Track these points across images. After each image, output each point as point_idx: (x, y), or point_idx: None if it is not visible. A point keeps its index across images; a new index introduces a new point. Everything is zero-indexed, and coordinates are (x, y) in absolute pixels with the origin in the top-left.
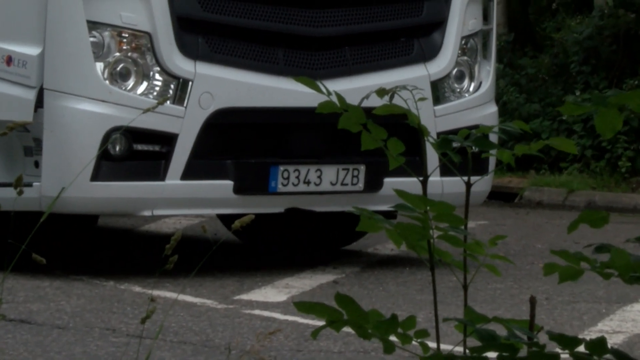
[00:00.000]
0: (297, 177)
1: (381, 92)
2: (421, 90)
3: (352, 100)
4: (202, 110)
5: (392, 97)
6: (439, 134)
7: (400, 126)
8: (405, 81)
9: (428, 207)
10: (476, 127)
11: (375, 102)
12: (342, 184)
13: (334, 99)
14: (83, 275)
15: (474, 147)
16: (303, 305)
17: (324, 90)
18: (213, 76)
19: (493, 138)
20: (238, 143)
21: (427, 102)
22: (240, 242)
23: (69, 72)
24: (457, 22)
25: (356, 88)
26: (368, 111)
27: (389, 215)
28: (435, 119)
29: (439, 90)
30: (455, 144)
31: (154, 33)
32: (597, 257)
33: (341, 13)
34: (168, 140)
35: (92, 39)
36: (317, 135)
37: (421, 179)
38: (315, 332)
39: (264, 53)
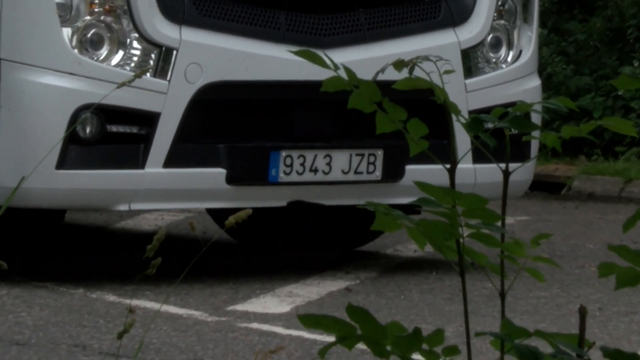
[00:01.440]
0: (302, 165)
1: (399, 64)
2: (448, 62)
3: (368, 73)
4: (189, 84)
5: (412, 70)
6: (470, 113)
7: (424, 104)
8: (431, 50)
9: (456, 201)
10: (515, 104)
11: (393, 75)
12: (355, 173)
13: (343, 73)
14: (47, 282)
15: (512, 129)
16: (309, 319)
17: (330, 64)
18: (202, 44)
19: (535, 118)
20: (232, 124)
21: (457, 74)
22: (235, 242)
23: (30, 40)
24: None
25: (372, 58)
26: (387, 86)
27: (412, 210)
28: (467, 95)
29: (471, 61)
30: (489, 125)
31: None
32: None
33: None
34: (148, 120)
35: (57, 0)
36: (327, 114)
37: (449, 166)
38: (324, 350)
39: (262, 17)
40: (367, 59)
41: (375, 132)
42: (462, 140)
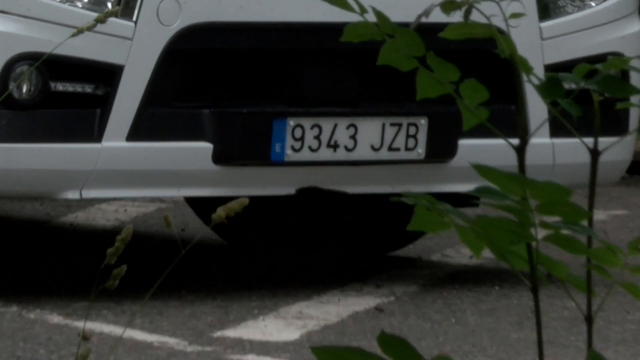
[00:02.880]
0: (317, 138)
1: (449, 4)
2: (517, 1)
3: (403, 14)
4: (163, 27)
5: (468, 12)
6: (547, 68)
7: (483, 57)
8: None
9: (528, 191)
10: (607, 57)
11: (439, 18)
12: (390, 149)
13: (371, 17)
14: None
15: (603, 92)
16: (326, 351)
17: (354, 4)
18: None
19: (636, 78)
20: (221, 82)
21: (530, 16)
22: (225, 243)
23: None
24: None
25: None
26: (431, 33)
27: (466, 202)
28: (542, 44)
29: None
30: (572, 86)
31: None
32: None
33: None
34: (107, 76)
35: None
36: (350, 68)
37: (517, 143)
38: None
39: None
40: None
41: (415, 95)
42: (536, 107)
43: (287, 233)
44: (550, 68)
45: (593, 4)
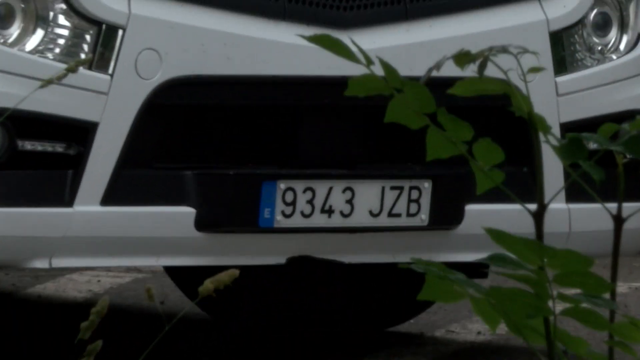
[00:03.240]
0: (311, 202)
1: (464, 57)
2: (536, 53)
3: (410, 68)
4: (142, 80)
5: (483, 66)
6: (563, 128)
7: (490, 113)
8: (504, 33)
9: (546, 260)
10: (632, 114)
11: (449, 71)
12: (390, 215)
13: (378, 70)
14: None
15: (627, 154)
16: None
17: (359, 54)
18: (161, 20)
19: None
20: (205, 141)
21: (544, 69)
22: (210, 319)
23: None
24: None
25: (416, 44)
26: (437, 87)
27: (474, 271)
28: (558, 100)
29: (565, 49)
30: (593, 146)
31: None
32: None
33: None
34: (80, 133)
35: None
36: (348, 127)
37: (534, 209)
38: None
39: None
40: (409, 45)
41: (419, 153)
42: (551, 170)
43: (276, 306)
44: (566, 127)
45: (614, 57)
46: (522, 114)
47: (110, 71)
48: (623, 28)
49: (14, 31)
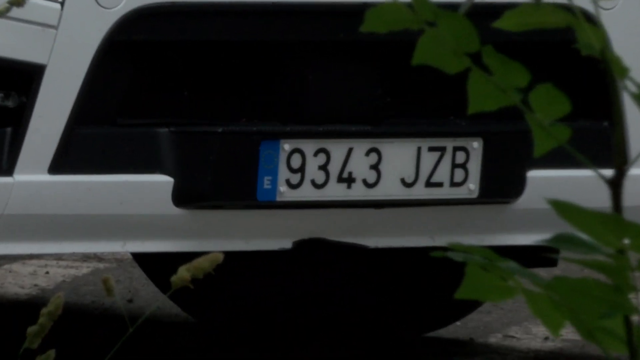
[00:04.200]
0: (324, 168)
1: None
2: None
3: None
4: (101, 10)
5: None
6: None
7: (554, 53)
8: None
9: (628, 241)
10: None
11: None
12: (428, 184)
13: None
14: None
15: None
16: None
17: None
18: None
19: None
20: (185, 89)
21: None
22: (190, 319)
23: None
24: None
25: None
26: (487, 16)
27: (536, 259)
28: None
29: None
30: None
31: None
32: None
33: None
34: (21, 80)
35: None
36: (370, 70)
37: (612, 175)
38: None
39: None
40: None
41: (464, 104)
42: (638, 125)
43: (279, 304)
44: None
45: None
46: (593, 52)
47: None
48: None
49: None
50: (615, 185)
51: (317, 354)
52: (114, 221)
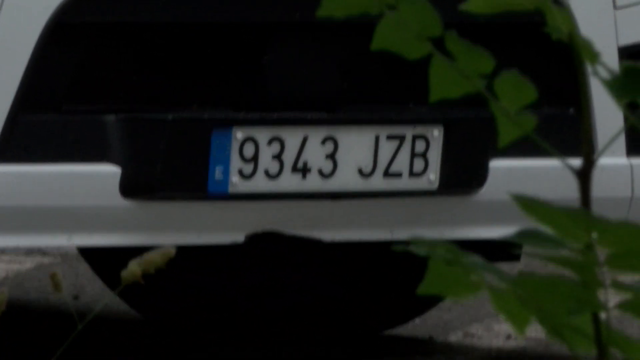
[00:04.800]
0: (278, 158)
1: None
2: None
3: None
4: None
5: None
6: (623, 53)
7: (523, 36)
8: None
9: (596, 236)
10: None
11: None
12: (387, 174)
13: None
14: None
15: None
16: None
17: None
18: None
19: None
20: (134, 74)
21: None
22: (139, 316)
23: None
24: None
25: None
26: (448, 4)
27: (500, 254)
28: (617, 15)
29: None
30: None
31: None
32: None
33: None
34: None
35: None
36: (327, 54)
37: (580, 165)
38: None
39: None
40: None
41: (425, 90)
42: (607, 113)
43: (230, 300)
44: (628, 52)
45: None
46: (561, 36)
47: None
48: None
49: None
50: (584, 175)
51: (271, 351)
52: (59, 213)
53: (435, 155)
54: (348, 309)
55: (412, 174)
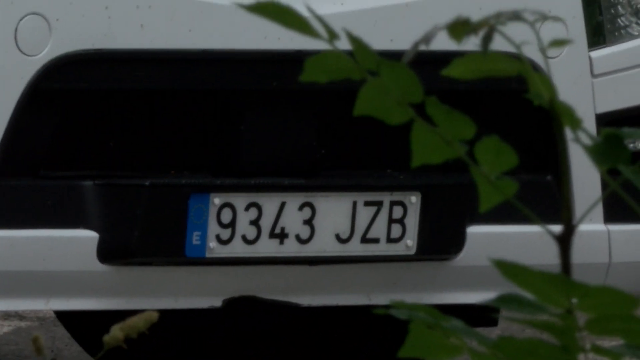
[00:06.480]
0: (256, 223)
1: (461, 27)
2: (560, 19)
3: (390, 40)
4: (24, 57)
5: (488, 40)
6: (601, 120)
7: (499, 102)
8: None
9: (575, 300)
10: None
11: (443, 46)
12: (364, 240)
13: (345, 44)
14: None
15: None
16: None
17: (317, 25)
18: None
19: None
20: (111, 140)
21: (575, 42)
22: None
23: None
24: None
25: (397, 6)
26: (431, 64)
27: (480, 317)
28: (594, 83)
29: (604, 12)
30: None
31: None
32: None
33: None
34: None
35: None
36: (305, 120)
37: (560, 231)
38: None
39: None
40: (388, 9)
41: (402, 157)
42: (584, 179)
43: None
44: (604, 119)
45: None
46: (543, 103)
47: None
48: None
49: None
50: (564, 241)
51: None
52: (37, 278)
53: (412, 221)
54: None
55: (389, 239)
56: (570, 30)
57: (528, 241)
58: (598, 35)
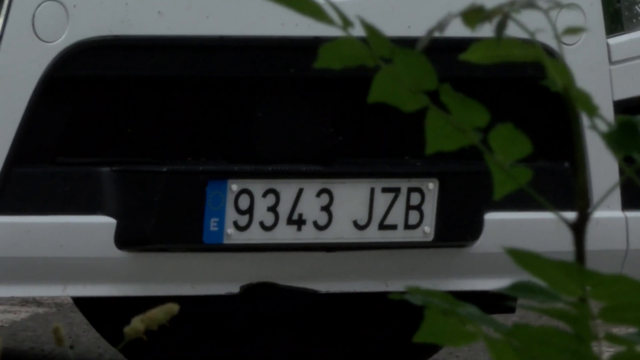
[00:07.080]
0: (274, 210)
1: (475, 14)
2: (576, 6)
3: (406, 27)
4: (41, 43)
5: (502, 27)
6: (618, 107)
7: (518, 89)
8: None
9: (589, 289)
10: None
11: (457, 33)
12: (382, 227)
13: (358, 32)
14: None
15: None
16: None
17: (331, 12)
18: None
19: None
20: (128, 127)
21: (592, 29)
22: None
23: None
24: None
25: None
26: (446, 52)
27: (497, 304)
28: (612, 70)
29: (622, 1)
30: None
31: None
32: None
33: None
34: None
35: None
36: (322, 108)
37: (575, 219)
38: None
39: None
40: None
41: (420, 144)
42: (602, 166)
43: (226, 350)
44: (622, 106)
45: None
46: (558, 89)
47: None
48: None
49: None
50: (578, 229)
51: None
52: (54, 264)
53: (430, 208)
54: (345, 356)
55: (407, 226)
56: (588, 17)
57: (546, 228)
58: (616, 22)
